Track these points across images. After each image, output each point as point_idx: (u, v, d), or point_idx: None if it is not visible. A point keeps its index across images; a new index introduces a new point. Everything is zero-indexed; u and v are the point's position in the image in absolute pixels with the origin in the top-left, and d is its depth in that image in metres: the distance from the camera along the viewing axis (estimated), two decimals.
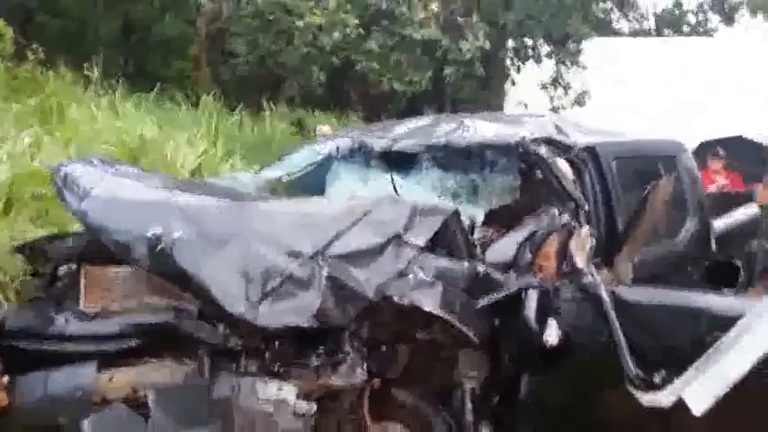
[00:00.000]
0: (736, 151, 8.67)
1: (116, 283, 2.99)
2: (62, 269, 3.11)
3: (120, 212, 2.93)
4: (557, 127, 4.07)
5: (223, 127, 9.68)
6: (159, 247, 2.77)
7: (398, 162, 4.14)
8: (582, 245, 3.12)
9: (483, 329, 2.99)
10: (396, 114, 14.50)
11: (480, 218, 3.64)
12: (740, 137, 9.56)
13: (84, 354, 2.81)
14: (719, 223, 4.98)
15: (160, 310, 2.91)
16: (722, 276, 4.62)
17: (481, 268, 3.10)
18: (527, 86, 17.08)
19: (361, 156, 4.21)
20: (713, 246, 4.72)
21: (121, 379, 2.86)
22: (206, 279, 2.76)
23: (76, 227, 3.60)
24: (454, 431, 3.12)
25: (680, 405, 2.47)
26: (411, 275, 2.94)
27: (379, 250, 2.95)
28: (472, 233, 3.48)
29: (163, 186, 3.28)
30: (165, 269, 2.81)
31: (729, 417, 2.49)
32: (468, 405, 3.19)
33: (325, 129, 6.87)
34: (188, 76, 15.47)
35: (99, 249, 2.99)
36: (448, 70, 13.73)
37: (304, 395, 2.89)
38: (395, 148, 4.06)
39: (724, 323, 2.63)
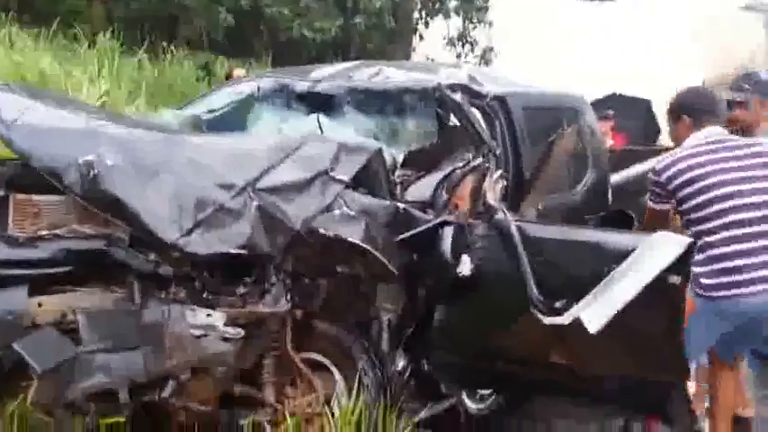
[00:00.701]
0: (615, 108, 9.38)
1: (45, 210, 3.07)
2: None
3: (51, 140, 3.00)
4: (470, 77, 4.37)
5: (123, 68, 9.50)
6: (92, 175, 2.88)
7: (319, 104, 4.34)
8: (494, 186, 3.45)
9: (402, 263, 3.28)
10: (303, 64, 14.47)
11: (400, 159, 3.91)
12: (614, 94, 10.34)
13: (14, 278, 2.91)
14: (616, 177, 5.48)
15: (90, 238, 3.03)
16: (617, 226, 5.11)
17: (401, 206, 3.38)
18: (434, 42, 17.48)
19: (282, 97, 4.38)
20: (609, 197, 5.22)
21: (51, 304, 2.98)
22: (139, 207, 2.90)
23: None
24: (372, 360, 3.41)
25: (577, 325, 2.85)
26: (336, 210, 3.18)
27: (306, 185, 3.18)
28: (393, 173, 3.75)
29: (91, 115, 3.36)
30: (97, 196, 2.92)
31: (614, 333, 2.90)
32: (385, 335, 3.50)
33: (240, 72, 6.93)
34: (80, 12, 14.84)
35: (27, 176, 3.06)
36: (357, 19, 13.88)
37: (231, 321, 3.11)
38: (316, 89, 4.26)
39: (618, 256, 3.03)
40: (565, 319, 2.88)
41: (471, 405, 3.76)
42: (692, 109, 3.52)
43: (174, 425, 3.26)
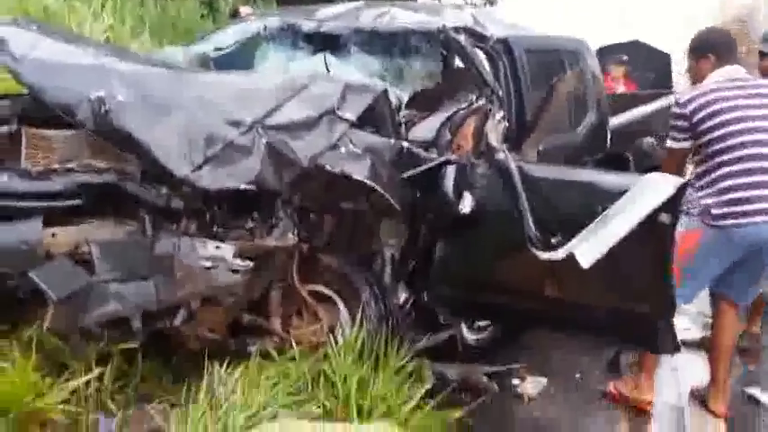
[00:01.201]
0: (633, 56, 9.23)
1: (57, 144, 3.09)
2: (1, 130, 3.16)
3: (62, 75, 3.00)
4: (474, 19, 4.34)
5: (126, 3, 9.34)
6: (103, 110, 2.90)
7: (325, 44, 4.32)
8: (496, 126, 3.48)
9: (405, 200, 3.33)
10: (308, 4, 14.20)
11: (405, 100, 3.92)
12: (636, 41, 10.14)
13: (28, 210, 2.96)
14: (615, 120, 5.49)
15: (102, 171, 3.07)
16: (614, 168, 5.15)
17: (405, 145, 3.40)
18: None
19: (288, 36, 4.36)
20: (608, 140, 5.24)
21: (64, 235, 3.03)
22: (150, 142, 2.92)
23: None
24: (375, 292, 3.49)
25: (570, 261, 2.92)
26: (343, 148, 3.20)
27: (313, 123, 3.19)
28: (398, 113, 3.76)
29: (100, 51, 3.35)
30: (109, 132, 2.94)
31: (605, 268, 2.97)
32: (388, 269, 3.58)
33: (247, 10, 6.83)
34: None
35: (38, 111, 3.08)
36: None
37: (240, 254, 3.17)
38: (323, 29, 4.23)
39: (612, 195, 3.08)
40: (559, 255, 2.94)
41: (469, 335, 3.86)
42: (716, 48, 3.64)
43: (185, 351, 3.37)
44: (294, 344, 3.38)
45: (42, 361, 2.90)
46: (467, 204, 3.27)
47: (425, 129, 3.62)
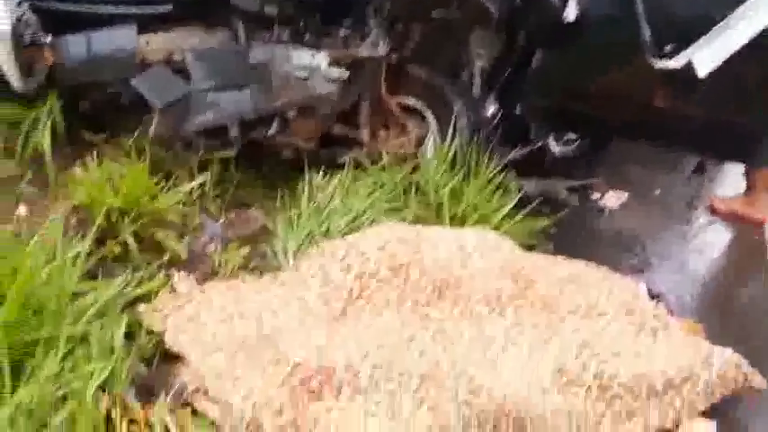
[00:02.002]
0: None
1: None
2: None
3: None
4: None
5: None
6: None
7: None
8: None
9: (504, 7, 3.09)
10: None
11: None
12: None
13: (122, 17, 2.82)
14: None
15: None
16: None
17: None
18: None
19: None
20: None
21: (158, 43, 2.92)
22: None
23: None
24: (466, 104, 3.35)
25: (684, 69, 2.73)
26: None
27: None
28: None
29: None
30: None
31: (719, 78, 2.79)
32: (478, 81, 3.41)
33: None
34: None
35: None
36: None
37: (333, 63, 3.03)
38: None
39: (733, 2, 2.80)
40: (676, 63, 2.74)
41: (557, 148, 3.75)
42: None
43: (277, 161, 3.34)
44: (383, 155, 3.32)
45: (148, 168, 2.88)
46: (572, 11, 3.01)
47: None
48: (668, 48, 2.81)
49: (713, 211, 3.73)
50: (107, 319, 2.09)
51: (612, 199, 3.76)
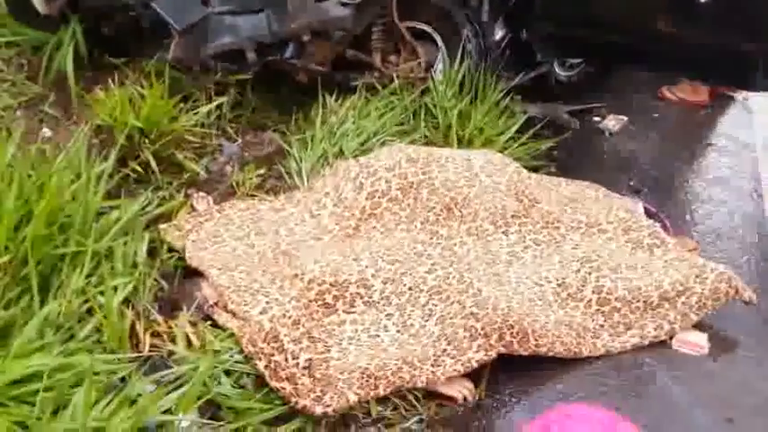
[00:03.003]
0: None
1: None
2: None
3: None
4: None
5: None
6: None
7: None
8: None
9: None
10: None
11: None
12: None
13: None
14: None
15: None
16: None
17: None
18: None
19: None
20: None
21: None
22: None
23: None
24: (475, 29, 3.12)
25: None
26: None
27: None
28: None
29: None
30: None
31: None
32: (486, 6, 3.16)
33: None
34: None
35: None
36: None
37: None
38: None
39: None
40: None
41: (561, 73, 3.54)
42: None
43: (292, 84, 3.15)
44: (394, 79, 3.13)
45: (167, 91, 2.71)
46: None
47: None
48: None
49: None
50: (130, 236, 1.99)
51: (612, 122, 3.56)
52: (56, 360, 1.57)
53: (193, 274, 2.11)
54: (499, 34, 3.23)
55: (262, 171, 2.61)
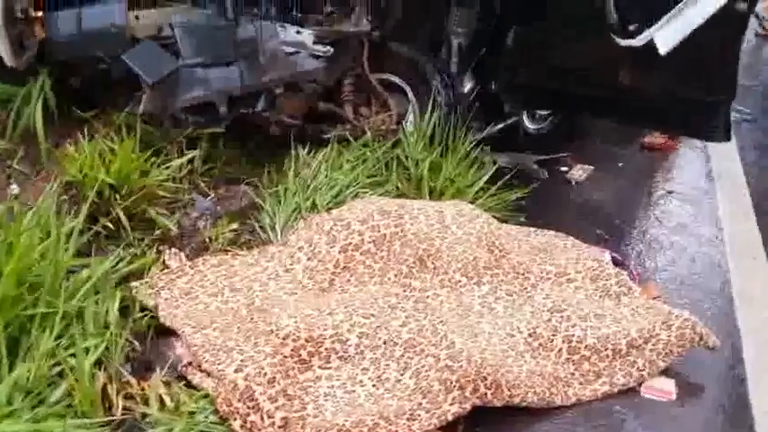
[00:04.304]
0: None
1: None
2: None
3: None
4: None
5: None
6: None
7: None
8: None
9: None
10: None
11: None
12: None
13: None
14: None
15: None
16: None
17: None
18: None
19: None
20: None
21: (147, 17, 2.75)
22: None
23: None
24: (444, 81, 3.23)
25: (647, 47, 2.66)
26: None
27: None
28: None
29: None
30: None
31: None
32: (455, 59, 3.30)
33: None
34: None
35: None
36: None
37: (319, 40, 2.89)
38: None
39: None
40: (639, 42, 2.68)
41: (529, 125, 3.67)
42: None
43: (264, 137, 3.20)
44: (366, 131, 3.21)
45: (138, 145, 2.73)
46: None
47: None
48: (632, 27, 2.74)
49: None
50: (101, 295, 1.98)
51: (579, 172, 3.69)
52: (26, 427, 1.55)
53: (166, 332, 2.10)
54: (468, 86, 3.36)
55: (235, 225, 2.62)
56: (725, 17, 2.69)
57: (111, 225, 2.35)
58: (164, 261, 2.36)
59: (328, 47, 2.86)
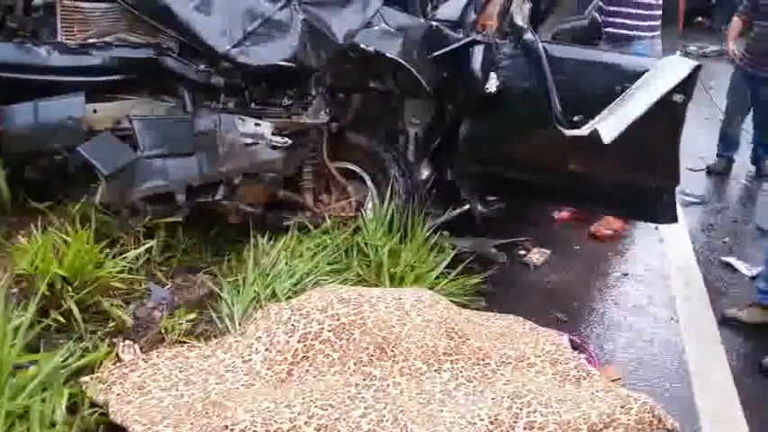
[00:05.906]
0: None
1: (92, 17, 2.79)
2: (37, 1, 2.83)
3: None
4: None
5: None
6: None
7: None
8: (521, 7, 3.22)
9: (434, 79, 3.12)
10: None
11: None
12: None
13: (71, 85, 2.70)
14: None
15: (140, 46, 2.79)
16: None
17: (434, 24, 3.15)
18: None
19: None
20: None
21: (106, 111, 2.81)
22: (189, 17, 2.65)
23: None
24: (402, 169, 3.34)
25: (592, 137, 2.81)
26: (376, 26, 2.97)
27: (347, 0, 2.93)
28: None
29: None
30: (148, 6, 2.65)
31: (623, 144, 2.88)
32: (412, 148, 3.41)
33: None
34: None
35: None
36: None
37: (277, 131, 2.98)
38: None
39: (632, 76, 2.94)
40: (583, 132, 2.83)
41: (480, 209, 3.76)
42: None
43: (224, 226, 3.23)
44: (326, 218, 3.26)
45: (93, 236, 2.73)
46: (493, 84, 3.07)
47: (451, 8, 3.34)
48: (576, 118, 2.90)
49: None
50: (49, 392, 1.93)
51: (536, 255, 3.77)
52: None
53: (118, 429, 2.04)
54: (425, 173, 3.45)
55: (192, 316, 2.60)
56: (663, 108, 2.86)
57: (62, 318, 2.31)
58: (117, 354, 2.31)
59: (287, 138, 2.94)
